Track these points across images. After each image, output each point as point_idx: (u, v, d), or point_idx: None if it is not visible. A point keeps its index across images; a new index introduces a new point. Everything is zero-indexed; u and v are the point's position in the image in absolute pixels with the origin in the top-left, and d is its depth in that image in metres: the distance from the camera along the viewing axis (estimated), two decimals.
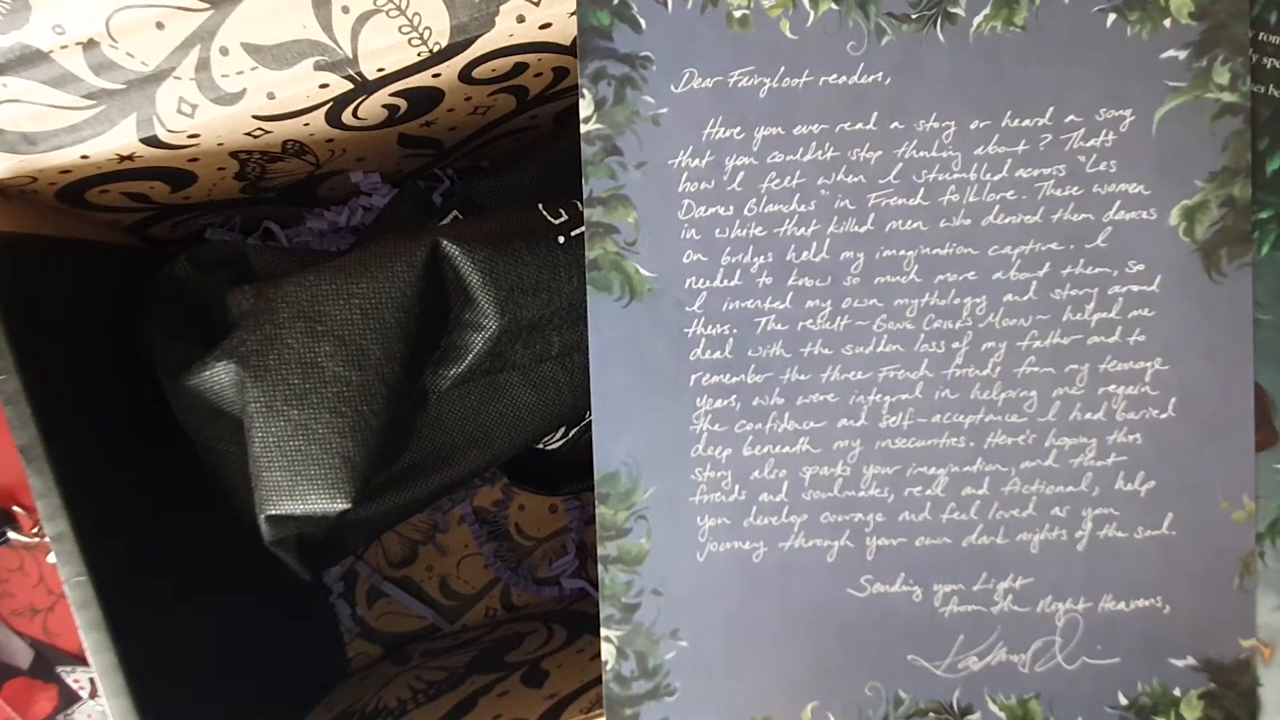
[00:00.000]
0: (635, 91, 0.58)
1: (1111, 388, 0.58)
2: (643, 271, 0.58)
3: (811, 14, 0.57)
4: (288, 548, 0.70)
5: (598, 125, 0.58)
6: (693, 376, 0.59)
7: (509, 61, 0.67)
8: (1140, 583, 0.58)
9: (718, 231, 0.58)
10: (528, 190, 0.80)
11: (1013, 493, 0.58)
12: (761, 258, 0.58)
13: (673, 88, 0.58)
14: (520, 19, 0.62)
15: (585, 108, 0.58)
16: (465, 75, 0.67)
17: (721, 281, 0.58)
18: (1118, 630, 0.59)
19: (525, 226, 0.70)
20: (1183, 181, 0.57)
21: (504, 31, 0.62)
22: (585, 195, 0.58)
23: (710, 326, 0.58)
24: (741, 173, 0.58)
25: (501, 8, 0.61)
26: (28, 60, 0.58)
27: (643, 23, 0.57)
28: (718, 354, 0.58)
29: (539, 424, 0.75)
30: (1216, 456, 0.57)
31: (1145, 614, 0.58)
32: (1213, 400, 0.57)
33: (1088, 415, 0.58)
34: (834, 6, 0.57)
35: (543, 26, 0.63)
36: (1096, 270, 0.57)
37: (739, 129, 0.58)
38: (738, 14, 0.57)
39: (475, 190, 0.80)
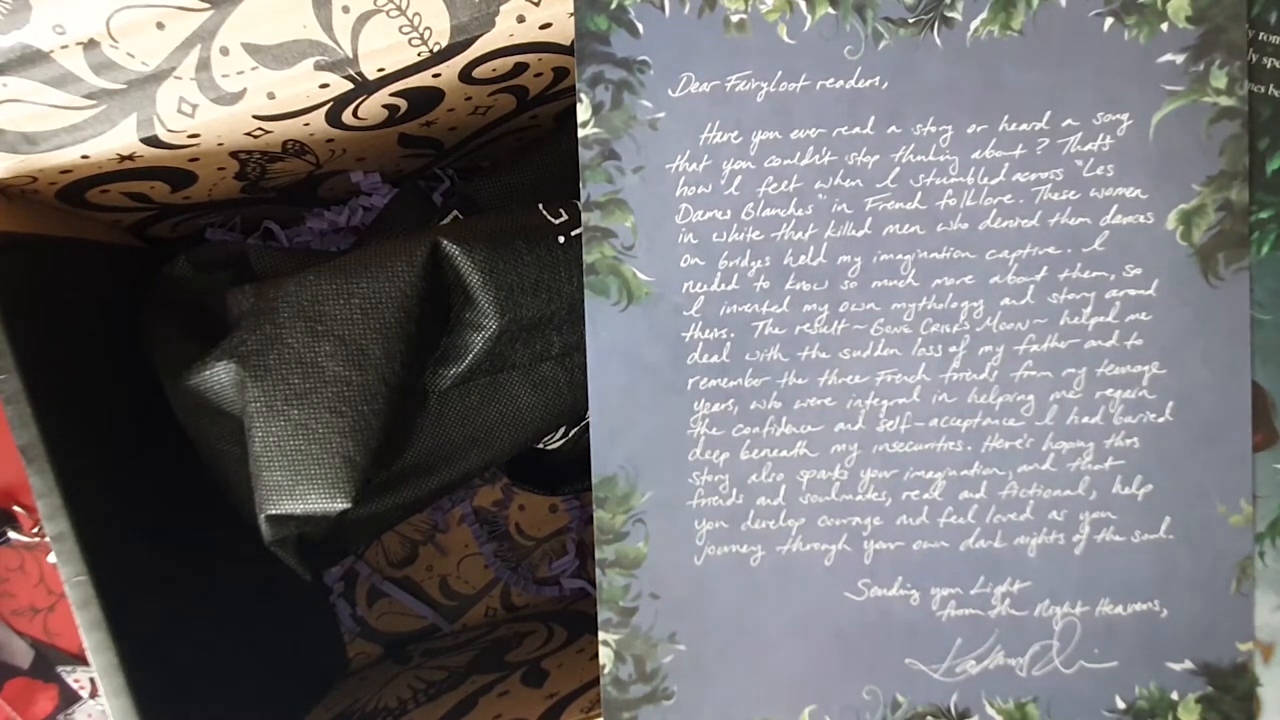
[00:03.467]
0: (633, 96, 0.58)
1: (1109, 391, 0.57)
2: (640, 275, 0.58)
3: (809, 18, 0.57)
4: (288, 547, 0.70)
5: (595, 130, 0.58)
6: (690, 380, 0.59)
7: (509, 61, 0.67)
8: (1138, 586, 0.58)
9: (715, 236, 0.58)
10: (528, 190, 0.80)
11: (1010, 496, 0.58)
12: (759, 262, 0.58)
13: (670, 92, 0.58)
14: (520, 19, 0.62)
15: (583, 112, 0.58)
16: (465, 75, 0.67)
17: (719, 285, 0.58)
18: (1115, 634, 0.59)
19: (525, 226, 0.70)
20: (1180, 185, 0.56)
21: (504, 31, 0.62)
22: (583, 200, 0.58)
23: (708, 330, 0.58)
24: (739, 177, 0.58)
25: (502, 8, 0.61)
26: (28, 60, 0.58)
27: (640, 27, 0.57)
28: (715, 358, 0.58)
29: (539, 424, 0.75)
30: (1214, 460, 0.57)
31: (1143, 618, 0.58)
32: (1210, 404, 0.57)
33: (1085, 419, 0.58)
34: (831, 11, 0.57)
35: (543, 26, 0.63)
36: (1094, 274, 0.57)
37: (736, 133, 0.58)
38: (735, 18, 0.57)
39: (475, 190, 0.80)
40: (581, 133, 0.58)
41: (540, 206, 0.71)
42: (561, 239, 0.69)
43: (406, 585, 1.03)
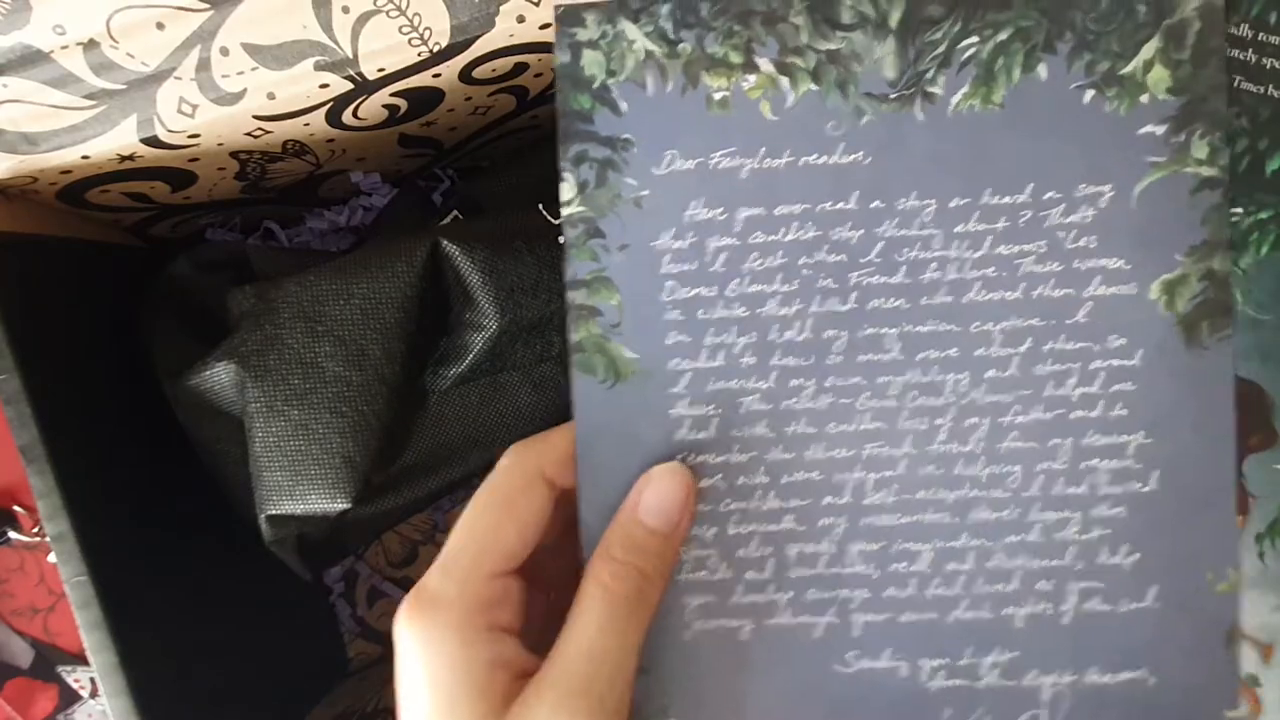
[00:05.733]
0: (617, 174, 0.57)
1: (1094, 461, 0.57)
2: (627, 353, 0.58)
3: (791, 95, 0.56)
4: (288, 548, 0.71)
5: (580, 208, 0.57)
6: (678, 457, 0.58)
7: (509, 61, 0.67)
8: (1126, 655, 0.58)
9: (701, 312, 0.57)
10: (528, 190, 0.79)
11: (997, 567, 0.58)
12: (745, 338, 0.57)
13: (654, 170, 0.57)
14: (520, 19, 0.62)
15: (566, 191, 0.57)
16: (465, 75, 0.67)
17: (705, 362, 0.57)
18: (1104, 703, 0.58)
19: (525, 227, 0.70)
20: (1163, 256, 0.56)
21: (504, 31, 0.62)
22: (568, 278, 0.58)
23: (694, 407, 0.58)
24: (724, 253, 0.57)
25: (501, 8, 0.60)
26: (28, 60, 0.58)
27: (623, 106, 0.56)
28: (703, 434, 0.58)
29: (539, 424, 0.75)
30: (1200, 528, 0.57)
31: (1132, 686, 0.58)
32: (1195, 472, 0.57)
33: (1070, 489, 0.57)
34: (813, 87, 0.56)
35: (543, 26, 0.63)
36: (1078, 345, 0.57)
37: (721, 210, 0.57)
38: (718, 96, 0.56)
39: (475, 190, 0.80)
40: (565, 212, 0.58)
41: (540, 206, 0.71)
42: (562, 239, 0.69)
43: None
